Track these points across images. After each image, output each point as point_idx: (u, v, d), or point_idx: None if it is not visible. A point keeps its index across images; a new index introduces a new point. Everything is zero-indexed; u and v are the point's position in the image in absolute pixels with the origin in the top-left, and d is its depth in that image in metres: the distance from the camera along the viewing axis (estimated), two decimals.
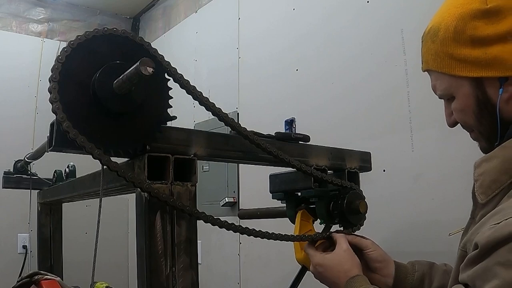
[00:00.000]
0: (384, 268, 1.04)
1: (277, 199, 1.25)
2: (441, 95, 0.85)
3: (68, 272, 1.91)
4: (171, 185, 0.85)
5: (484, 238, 0.62)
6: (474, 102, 0.79)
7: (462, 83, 0.79)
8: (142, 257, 0.83)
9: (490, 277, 0.59)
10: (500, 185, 0.71)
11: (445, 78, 0.81)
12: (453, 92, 0.81)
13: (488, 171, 0.73)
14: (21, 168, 1.91)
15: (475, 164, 0.76)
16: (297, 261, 1.16)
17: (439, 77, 0.83)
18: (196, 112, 2.56)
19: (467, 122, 0.83)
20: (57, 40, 3.40)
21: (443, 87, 0.83)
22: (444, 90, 0.83)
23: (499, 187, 0.71)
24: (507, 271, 0.57)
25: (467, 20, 0.77)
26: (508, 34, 0.74)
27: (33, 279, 1.43)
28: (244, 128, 0.95)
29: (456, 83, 0.80)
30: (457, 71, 0.78)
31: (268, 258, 2.14)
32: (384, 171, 1.59)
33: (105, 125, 0.79)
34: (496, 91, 0.76)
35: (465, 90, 0.79)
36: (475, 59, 0.76)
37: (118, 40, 0.82)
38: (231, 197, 2.40)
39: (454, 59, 0.78)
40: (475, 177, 0.76)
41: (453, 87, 0.81)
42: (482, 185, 0.74)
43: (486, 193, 0.73)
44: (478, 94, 0.78)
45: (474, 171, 0.76)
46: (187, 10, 3.10)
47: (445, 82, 0.82)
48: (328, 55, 1.93)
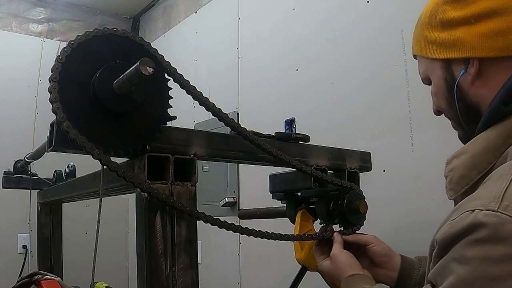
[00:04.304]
0: (389, 262, 1.05)
1: (277, 199, 1.25)
2: (422, 79, 0.87)
3: (68, 272, 1.91)
4: (171, 185, 0.85)
5: (441, 234, 0.61)
6: (443, 85, 0.81)
7: (435, 65, 0.81)
8: (142, 257, 0.83)
9: (447, 274, 0.59)
10: (468, 181, 0.70)
11: (423, 61, 0.84)
12: (429, 75, 0.84)
13: (458, 167, 0.72)
14: (21, 168, 1.91)
15: (447, 160, 0.76)
16: (297, 261, 1.16)
17: (420, 60, 0.86)
18: (196, 112, 2.56)
19: (440, 107, 0.84)
20: (57, 40, 3.40)
21: (422, 70, 0.86)
22: (422, 74, 0.86)
23: (468, 183, 0.70)
24: (462, 267, 0.57)
25: (440, 5, 0.80)
26: (473, 17, 0.75)
27: (33, 279, 1.43)
28: (244, 128, 0.95)
29: (431, 65, 0.82)
30: (430, 53, 0.81)
31: (268, 258, 2.14)
32: (384, 171, 1.59)
33: (105, 125, 0.80)
34: None
35: (437, 72, 0.81)
36: (442, 40, 0.78)
37: (118, 40, 0.82)
38: (231, 197, 2.39)
39: (428, 42, 0.81)
40: (445, 173, 0.75)
41: (428, 70, 0.83)
42: (451, 181, 0.73)
43: (455, 189, 0.72)
44: (447, 76, 0.80)
45: (445, 167, 0.75)
46: (187, 10, 3.10)
47: (424, 66, 0.85)
48: (328, 55, 1.93)
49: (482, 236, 0.55)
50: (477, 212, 0.57)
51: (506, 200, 0.56)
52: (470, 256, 0.56)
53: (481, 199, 0.59)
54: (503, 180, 0.60)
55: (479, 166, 0.69)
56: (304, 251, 1.14)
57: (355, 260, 1.02)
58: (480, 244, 0.56)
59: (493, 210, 0.56)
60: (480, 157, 0.70)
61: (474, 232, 0.56)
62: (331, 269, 1.03)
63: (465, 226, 0.58)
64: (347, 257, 1.03)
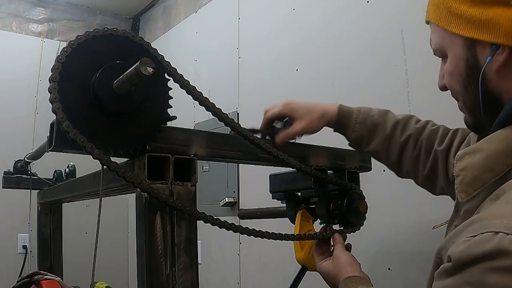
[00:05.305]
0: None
1: (277, 199, 1.25)
2: (435, 50, 0.79)
3: (68, 272, 1.91)
4: (171, 185, 0.85)
5: (457, 252, 0.56)
6: (463, 65, 0.73)
7: (455, 41, 0.73)
8: (142, 257, 0.83)
9: None
10: (483, 183, 0.64)
11: (440, 32, 0.76)
12: (446, 49, 0.76)
13: (471, 166, 0.66)
14: (21, 168, 1.91)
15: (457, 156, 0.69)
16: (297, 261, 1.16)
17: (436, 30, 0.78)
18: (196, 112, 2.56)
19: (453, 88, 0.77)
20: (57, 40, 3.40)
21: (437, 41, 0.78)
22: (437, 45, 0.78)
23: (482, 186, 0.64)
24: None
25: None
26: None
27: (33, 279, 1.43)
28: (244, 128, 0.95)
29: (449, 39, 0.74)
30: (452, 27, 0.73)
31: (268, 258, 2.14)
32: (384, 171, 1.59)
33: (105, 125, 0.79)
34: (486, 58, 0.69)
35: (457, 50, 0.73)
36: (471, 17, 0.70)
37: (118, 40, 0.82)
38: (231, 197, 2.39)
39: (451, 13, 0.73)
40: (456, 171, 0.68)
41: (446, 44, 0.75)
42: (463, 182, 0.66)
43: (467, 191, 0.66)
44: (469, 57, 0.72)
45: (455, 164, 0.69)
46: (187, 10, 3.10)
47: (440, 37, 0.77)
48: (328, 55, 1.94)
49: (506, 265, 0.51)
50: (502, 236, 0.52)
51: None
52: (490, 283, 0.52)
53: (506, 219, 0.53)
54: None
55: (496, 169, 0.63)
56: (304, 251, 1.14)
57: (356, 262, 1.02)
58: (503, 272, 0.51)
59: None
60: (497, 158, 0.63)
61: (497, 259, 0.51)
62: (331, 269, 1.02)
63: (487, 251, 0.52)
64: (348, 258, 1.02)
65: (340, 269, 1.00)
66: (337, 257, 1.03)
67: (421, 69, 1.52)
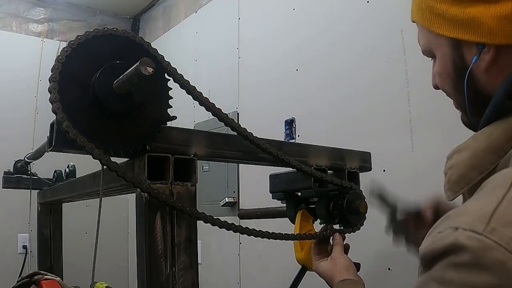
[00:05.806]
0: None
1: (277, 199, 1.25)
2: (423, 51, 0.77)
3: (68, 272, 1.91)
4: (171, 185, 0.85)
5: (422, 248, 0.55)
6: (451, 66, 0.70)
7: (441, 42, 0.71)
8: (142, 257, 0.83)
9: None
10: (469, 181, 0.62)
11: (425, 32, 0.73)
12: (433, 50, 0.73)
13: (458, 164, 0.65)
14: (21, 168, 1.91)
15: (448, 155, 0.68)
16: (297, 261, 1.16)
17: (421, 30, 0.75)
18: (196, 112, 2.56)
19: (445, 89, 0.75)
20: (57, 40, 3.40)
21: (423, 41, 0.75)
22: (424, 45, 0.75)
23: (468, 184, 0.62)
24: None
25: None
26: None
27: (33, 279, 1.43)
28: (244, 128, 0.95)
29: (435, 40, 0.72)
30: (435, 28, 0.70)
31: (268, 258, 2.14)
32: (384, 171, 1.59)
33: (105, 125, 0.80)
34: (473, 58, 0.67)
35: (444, 50, 0.71)
36: (453, 17, 0.66)
37: (118, 40, 0.82)
38: (231, 197, 2.40)
39: (433, 13, 0.69)
40: (445, 170, 0.67)
41: (432, 45, 0.73)
42: (450, 180, 0.65)
43: (453, 189, 0.65)
44: (456, 57, 0.69)
45: (445, 163, 0.67)
46: (187, 10, 3.10)
47: (425, 37, 0.74)
48: (328, 55, 1.93)
49: (463, 261, 0.50)
50: (460, 232, 0.51)
51: (494, 222, 0.49)
52: (449, 279, 0.51)
53: (468, 216, 0.52)
54: (496, 194, 0.52)
55: (480, 167, 0.62)
56: (304, 251, 1.14)
57: (352, 265, 1.03)
58: (461, 268, 0.50)
59: (477, 233, 0.49)
60: (481, 157, 0.63)
61: (455, 255, 0.51)
62: (328, 269, 1.03)
63: (446, 246, 0.52)
64: (345, 261, 1.03)
65: (336, 271, 1.01)
66: (335, 259, 1.04)
67: (421, 69, 1.51)
